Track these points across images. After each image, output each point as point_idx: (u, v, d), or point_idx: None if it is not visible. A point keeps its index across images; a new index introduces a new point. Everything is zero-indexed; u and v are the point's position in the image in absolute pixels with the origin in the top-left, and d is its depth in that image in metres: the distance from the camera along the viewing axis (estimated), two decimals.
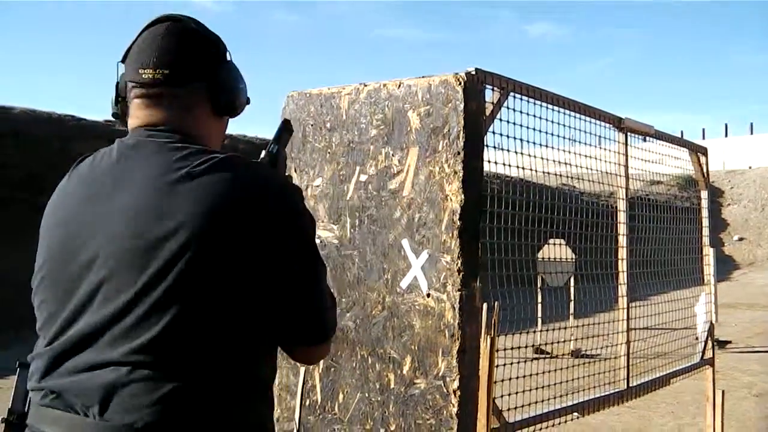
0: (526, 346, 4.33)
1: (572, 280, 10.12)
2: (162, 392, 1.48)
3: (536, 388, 4.09)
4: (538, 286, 10.25)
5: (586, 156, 4.36)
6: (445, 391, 2.51)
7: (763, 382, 9.22)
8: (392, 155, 2.65)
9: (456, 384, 2.50)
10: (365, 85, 2.74)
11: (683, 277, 5.75)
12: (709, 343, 5.49)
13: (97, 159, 1.68)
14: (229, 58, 1.76)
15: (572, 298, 10.45)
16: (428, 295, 2.54)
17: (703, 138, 40.97)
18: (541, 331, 9.81)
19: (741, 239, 31.48)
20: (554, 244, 5.77)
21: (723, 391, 5.35)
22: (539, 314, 10.02)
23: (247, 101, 1.81)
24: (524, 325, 7.30)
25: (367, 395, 2.68)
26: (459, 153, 2.49)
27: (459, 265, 2.49)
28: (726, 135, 40.97)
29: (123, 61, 1.72)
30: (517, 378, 3.98)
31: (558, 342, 4.77)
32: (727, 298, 19.50)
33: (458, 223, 2.49)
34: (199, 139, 1.66)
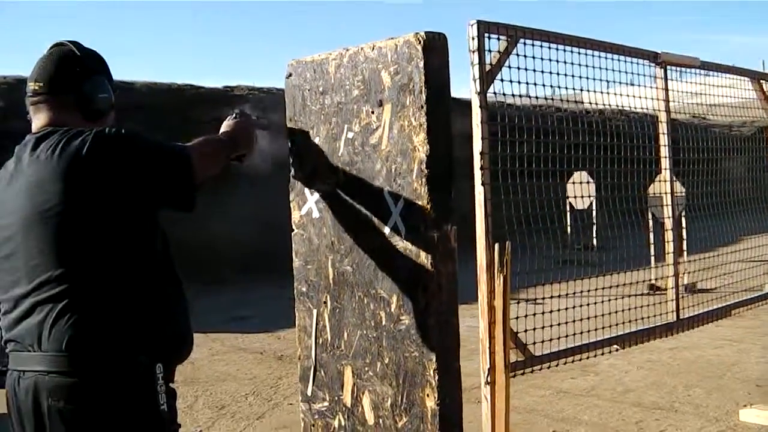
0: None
1: (683, 215, 9.96)
2: (73, 318, 2.10)
3: (575, 321, 4.22)
4: (649, 221, 10.12)
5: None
6: (425, 326, 2.75)
7: None
8: (371, 113, 2.88)
9: (434, 320, 2.74)
10: (347, 50, 2.97)
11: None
12: None
13: (9, 160, 2.30)
14: (96, 74, 2.37)
15: (684, 233, 10.29)
16: (406, 238, 2.78)
17: None
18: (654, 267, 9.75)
19: None
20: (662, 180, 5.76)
21: None
22: (652, 251, 9.95)
23: (112, 107, 2.42)
24: (638, 262, 7.35)
25: (365, 332, 2.95)
26: (422, 107, 2.69)
27: (429, 209, 2.71)
28: None
29: None
30: (555, 312, 4.14)
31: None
32: None
33: (425, 171, 2.70)
34: None
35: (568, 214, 12.85)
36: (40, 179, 2.15)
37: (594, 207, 12.30)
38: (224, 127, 2.78)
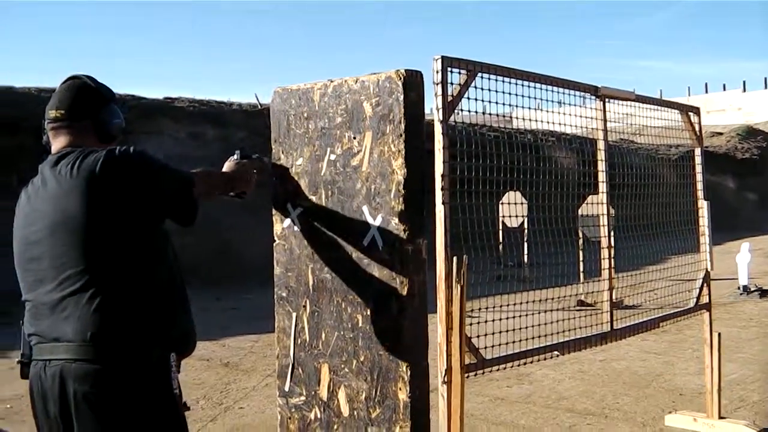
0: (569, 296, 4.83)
1: (612, 234, 10.44)
2: (97, 311, 2.43)
3: (516, 329, 4.60)
4: (579, 240, 10.65)
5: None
6: (399, 328, 3.12)
7: None
8: (353, 138, 3.25)
9: (407, 322, 3.11)
10: (332, 81, 3.34)
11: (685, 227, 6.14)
12: (705, 289, 5.92)
13: (34, 179, 2.66)
14: (109, 103, 2.76)
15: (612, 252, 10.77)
16: (383, 251, 3.15)
17: (744, 90, 40.47)
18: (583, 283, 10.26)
19: None
20: (592, 203, 6.12)
21: (719, 334, 5.81)
22: (581, 268, 10.45)
23: (122, 131, 2.81)
24: (568, 279, 7.80)
25: (342, 333, 3.31)
26: (401, 135, 3.07)
27: (405, 225, 3.09)
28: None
29: None
30: (505, 319, 4.52)
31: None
32: None
33: (403, 192, 3.08)
34: None
35: (500, 232, 13.37)
36: (63, 191, 2.51)
37: (526, 225, 12.85)
38: (226, 167, 3.23)
